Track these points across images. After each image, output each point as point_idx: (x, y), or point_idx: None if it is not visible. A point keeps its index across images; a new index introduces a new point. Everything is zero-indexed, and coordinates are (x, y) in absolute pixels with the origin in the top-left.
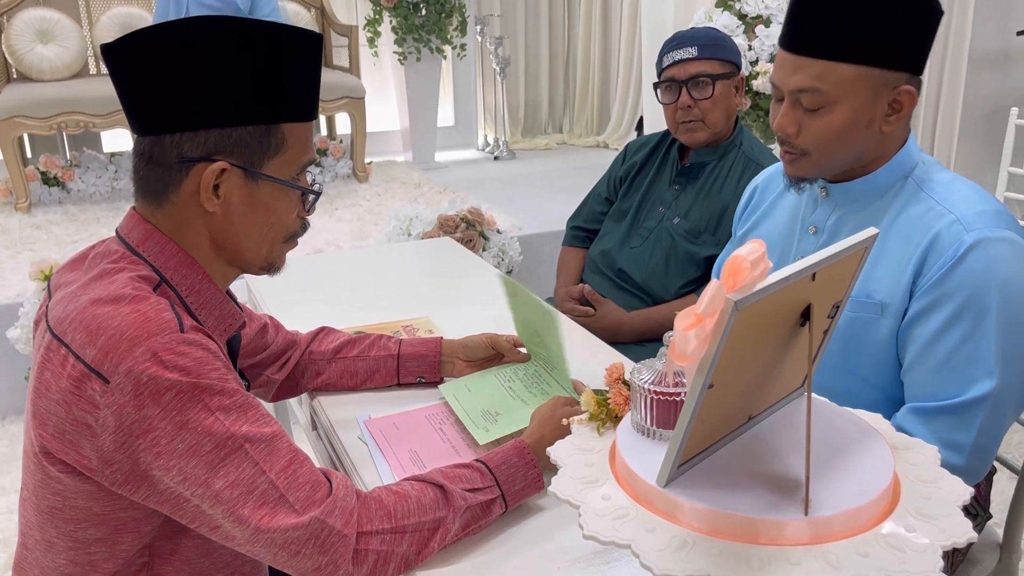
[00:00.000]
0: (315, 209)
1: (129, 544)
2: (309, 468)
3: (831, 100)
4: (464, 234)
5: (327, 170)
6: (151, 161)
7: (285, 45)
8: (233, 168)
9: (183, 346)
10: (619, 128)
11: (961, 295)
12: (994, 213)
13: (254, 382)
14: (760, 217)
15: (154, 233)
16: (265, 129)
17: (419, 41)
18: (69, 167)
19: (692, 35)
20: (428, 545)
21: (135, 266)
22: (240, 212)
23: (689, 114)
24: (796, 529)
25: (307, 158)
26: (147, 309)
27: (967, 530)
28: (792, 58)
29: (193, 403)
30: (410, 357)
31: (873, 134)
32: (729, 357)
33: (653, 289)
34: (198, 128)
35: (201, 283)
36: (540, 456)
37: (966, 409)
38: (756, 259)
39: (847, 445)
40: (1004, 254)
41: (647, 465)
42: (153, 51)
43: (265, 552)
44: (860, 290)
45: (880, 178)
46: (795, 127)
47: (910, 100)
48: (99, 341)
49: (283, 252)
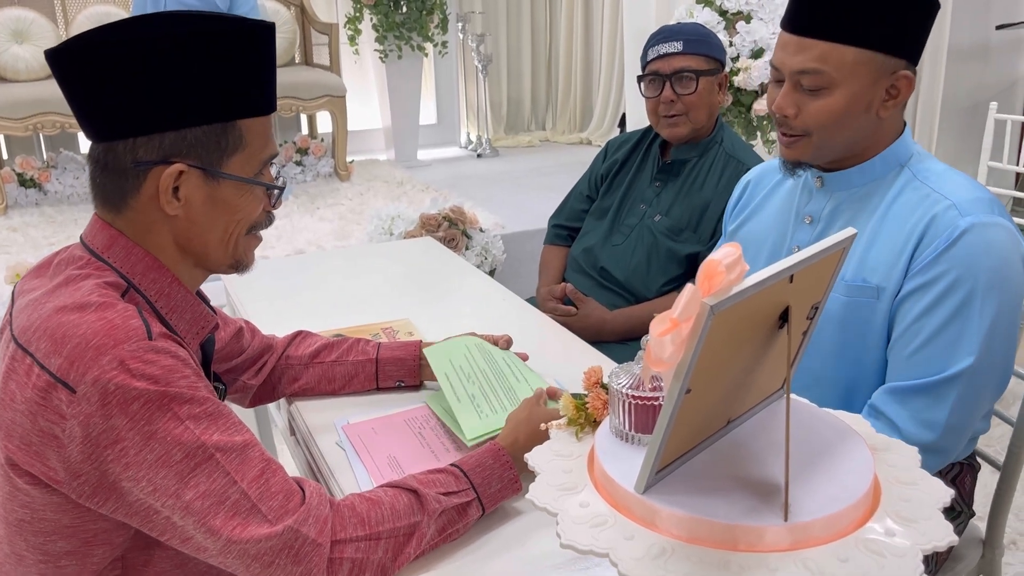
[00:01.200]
0: (281, 203)
1: (100, 556)
2: (282, 477)
3: (832, 82)
4: (446, 233)
5: (308, 169)
6: (106, 168)
7: (233, 39)
8: (191, 169)
9: (151, 354)
10: (602, 125)
11: (951, 276)
12: (988, 200)
13: (230, 387)
14: (752, 212)
15: (118, 238)
16: (221, 127)
17: (400, 39)
18: (46, 168)
19: (678, 29)
20: (404, 551)
21: (101, 272)
22: (203, 213)
23: (672, 108)
24: (775, 535)
25: (268, 153)
26: (114, 316)
27: (948, 533)
28: (795, 39)
29: (162, 412)
30: (389, 361)
31: (870, 119)
32: (706, 361)
33: (635, 287)
34: (151, 132)
35: (170, 286)
36: (516, 458)
37: (941, 386)
38: (732, 263)
39: (827, 448)
40: (997, 239)
41: (626, 471)
42: (97, 55)
43: (238, 563)
44: (856, 275)
45: (876, 166)
46: (794, 109)
47: (907, 86)
48: (64, 350)
49: (249, 248)
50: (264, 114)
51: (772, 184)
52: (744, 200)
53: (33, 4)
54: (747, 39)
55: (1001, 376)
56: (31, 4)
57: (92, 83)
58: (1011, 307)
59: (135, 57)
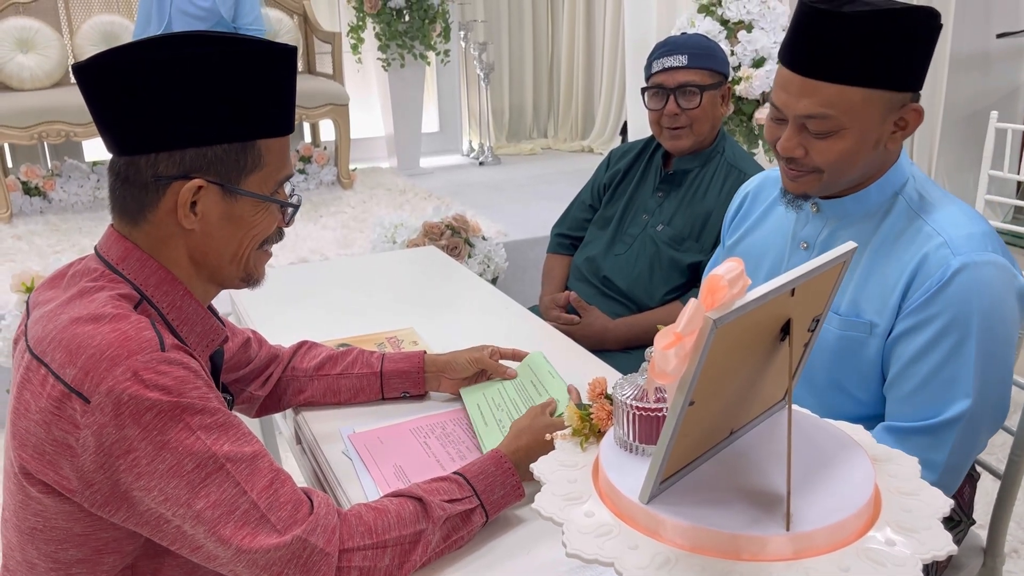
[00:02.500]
0: (295, 221)
1: (111, 565)
2: (291, 488)
3: (840, 125)
4: (449, 241)
5: (311, 177)
6: (127, 181)
7: (257, 61)
8: (210, 185)
9: (164, 365)
10: (604, 132)
11: (945, 317)
12: (981, 235)
13: (237, 398)
14: (751, 227)
15: (133, 251)
16: (241, 146)
17: (403, 47)
18: (50, 177)
19: (683, 42)
20: (410, 558)
21: (115, 284)
22: (219, 228)
23: (675, 121)
24: (778, 545)
25: (285, 173)
26: (127, 328)
27: (947, 543)
28: (799, 81)
29: (174, 423)
30: (393, 374)
31: (879, 152)
32: (709, 374)
33: (638, 296)
34: (173, 148)
35: (182, 300)
36: (519, 465)
37: (940, 429)
38: (734, 277)
39: (828, 458)
40: (989, 278)
41: (630, 481)
42: (125, 72)
43: (247, 572)
44: (850, 309)
45: (871, 195)
46: (802, 150)
47: (916, 119)
48: (79, 360)
49: (260, 263)
50: (283, 134)
51: (771, 199)
52: (743, 213)
53: (38, 13)
54: (748, 48)
55: (998, 413)
56: (36, 13)
57: (117, 99)
58: (1005, 346)
59: (161, 75)
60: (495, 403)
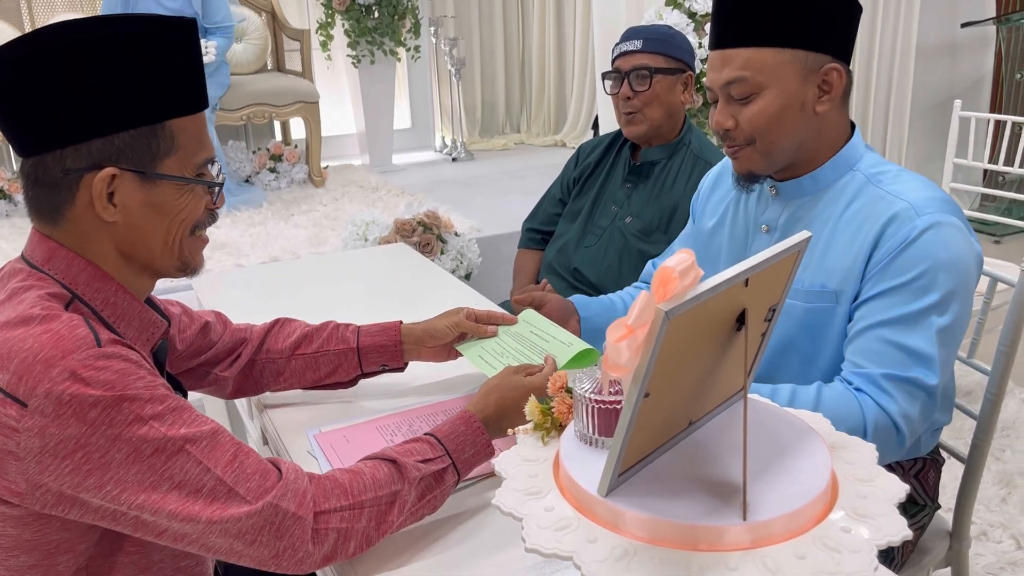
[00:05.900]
0: (224, 200)
1: (64, 566)
2: (255, 458)
3: (759, 86)
4: (421, 238)
5: (282, 176)
6: (38, 182)
7: (151, 39)
8: (124, 173)
9: (102, 360)
10: (576, 127)
11: (912, 271)
12: (941, 200)
13: (203, 381)
14: (713, 210)
15: (58, 249)
16: (150, 130)
17: (372, 44)
18: (16, 179)
19: (643, 30)
20: (387, 519)
21: (44, 283)
22: (142, 216)
23: (628, 105)
24: (735, 534)
25: (204, 156)
26: (59, 328)
27: (902, 528)
28: (719, 54)
29: (123, 415)
30: (370, 349)
31: (808, 117)
32: (664, 366)
33: (608, 288)
34: (78, 141)
35: (115, 295)
36: (488, 423)
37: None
38: (685, 268)
39: (786, 447)
40: (952, 237)
41: (590, 475)
42: (12, 69)
43: (221, 543)
44: (814, 280)
45: (827, 172)
46: (731, 121)
47: (839, 79)
48: (11, 366)
49: (196, 249)
50: (193, 112)
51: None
52: (705, 195)
53: (0, 13)
54: None
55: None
56: None
57: (11, 98)
58: (964, 302)
59: (51, 67)
60: (496, 353)
